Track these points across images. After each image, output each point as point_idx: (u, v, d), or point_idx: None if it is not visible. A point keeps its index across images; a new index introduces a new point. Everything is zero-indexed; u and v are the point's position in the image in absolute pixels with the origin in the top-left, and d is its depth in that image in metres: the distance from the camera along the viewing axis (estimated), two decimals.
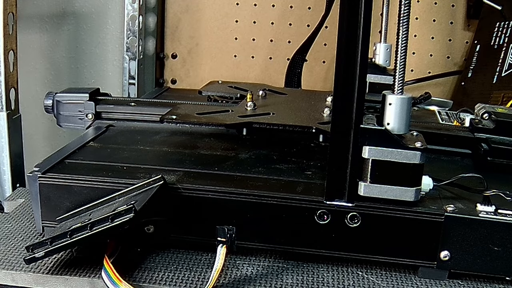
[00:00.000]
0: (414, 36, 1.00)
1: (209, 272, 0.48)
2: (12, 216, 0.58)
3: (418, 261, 0.49)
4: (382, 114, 0.47)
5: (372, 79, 0.75)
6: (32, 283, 0.48)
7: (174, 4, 1.04)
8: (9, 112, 0.74)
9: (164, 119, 0.62)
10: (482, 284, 0.49)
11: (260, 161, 0.57)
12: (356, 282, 0.49)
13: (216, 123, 0.62)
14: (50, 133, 1.07)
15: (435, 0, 1.00)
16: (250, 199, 0.49)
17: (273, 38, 1.04)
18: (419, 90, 0.96)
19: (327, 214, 0.49)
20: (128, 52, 0.97)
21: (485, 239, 0.47)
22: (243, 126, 0.61)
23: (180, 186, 0.50)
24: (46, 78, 1.06)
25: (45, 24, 1.03)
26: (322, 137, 0.61)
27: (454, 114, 0.77)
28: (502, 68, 0.91)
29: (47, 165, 0.53)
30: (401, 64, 0.46)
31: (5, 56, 0.74)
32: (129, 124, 0.68)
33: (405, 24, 0.45)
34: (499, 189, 0.50)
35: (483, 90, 0.93)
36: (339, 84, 0.46)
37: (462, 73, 0.99)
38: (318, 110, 0.66)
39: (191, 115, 0.63)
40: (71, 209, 0.51)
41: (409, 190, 0.47)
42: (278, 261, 0.52)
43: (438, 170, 0.55)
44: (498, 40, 0.94)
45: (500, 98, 0.89)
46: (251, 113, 0.64)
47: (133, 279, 0.48)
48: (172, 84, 1.08)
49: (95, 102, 0.68)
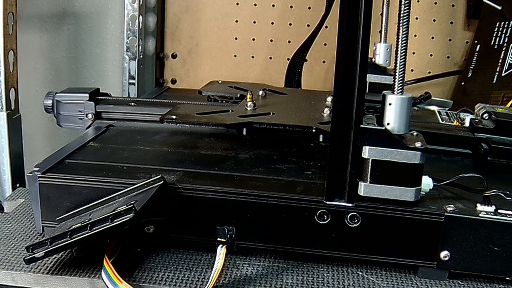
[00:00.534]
0: (414, 36, 1.00)
1: (209, 272, 0.48)
2: (12, 216, 0.58)
3: (418, 261, 0.49)
4: (382, 114, 0.47)
5: (372, 79, 0.75)
6: (32, 283, 0.48)
7: (174, 4, 1.04)
8: (9, 112, 0.74)
9: (164, 119, 0.62)
10: (482, 284, 0.49)
11: (260, 161, 0.57)
12: (356, 282, 0.49)
13: (216, 123, 0.61)
14: (50, 133, 1.07)
15: (435, 0, 1.00)
16: (250, 199, 0.49)
17: (273, 38, 1.04)
18: (419, 90, 0.96)
19: (327, 214, 0.49)
20: (128, 52, 0.97)
21: (485, 239, 0.47)
22: (243, 126, 0.61)
23: (180, 186, 0.50)
24: (46, 78, 1.06)
25: (45, 24, 1.03)
26: (322, 137, 0.61)
27: (454, 114, 0.77)
28: (502, 68, 0.91)
29: (47, 165, 0.53)
30: (401, 64, 0.46)
31: (5, 56, 0.74)
32: (129, 124, 0.68)
33: (405, 24, 0.45)
34: (499, 189, 0.50)
35: (483, 90, 0.93)
36: (339, 84, 0.46)
37: (462, 73, 0.99)
38: (318, 110, 0.66)
39: (191, 115, 0.63)
40: (71, 209, 0.51)
41: (409, 190, 0.47)
42: (278, 261, 0.52)
43: (438, 170, 0.55)
44: (498, 40, 0.94)
45: (500, 98, 0.89)
46: (251, 113, 0.64)
47: (133, 279, 0.48)
48: (172, 84, 1.08)
49: (95, 102, 0.68)
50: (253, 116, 0.63)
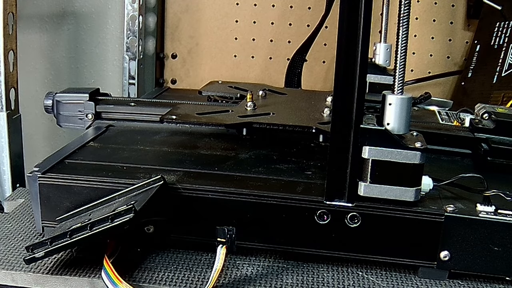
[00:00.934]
0: (414, 36, 1.00)
1: (209, 272, 0.48)
2: (12, 216, 0.58)
3: (418, 261, 0.49)
4: (382, 114, 0.47)
5: (372, 79, 0.75)
6: (32, 283, 0.48)
7: (174, 4, 1.04)
8: (9, 112, 0.74)
9: (164, 119, 0.61)
10: (482, 284, 0.49)
11: (260, 161, 0.57)
12: (356, 282, 0.49)
13: (216, 123, 0.61)
14: (50, 133, 1.07)
15: (435, 0, 1.00)
16: (250, 199, 0.49)
17: (273, 38, 1.04)
18: (419, 90, 0.96)
19: (327, 214, 0.49)
20: (128, 52, 0.97)
21: (485, 239, 0.47)
22: (243, 126, 0.61)
23: (180, 186, 0.50)
24: (46, 78, 1.06)
25: (45, 24, 1.03)
26: (322, 137, 0.61)
27: (454, 114, 0.77)
28: (502, 68, 0.91)
29: (47, 165, 0.53)
30: (401, 64, 0.46)
31: (5, 56, 0.74)
32: (129, 124, 0.68)
33: (405, 24, 0.45)
34: (499, 189, 0.50)
35: (483, 90, 0.93)
36: (339, 84, 0.46)
37: (462, 73, 0.99)
38: (318, 110, 0.66)
39: (191, 115, 0.63)
40: (71, 209, 0.51)
41: (409, 190, 0.47)
42: (278, 261, 0.52)
43: (438, 170, 0.55)
44: (498, 40, 0.94)
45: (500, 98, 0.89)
46: (251, 113, 0.64)
47: (133, 279, 0.48)
48: (172, 84, 1.08)
49: (95, 102, 0.68)
50: (253, 116, 0.63)
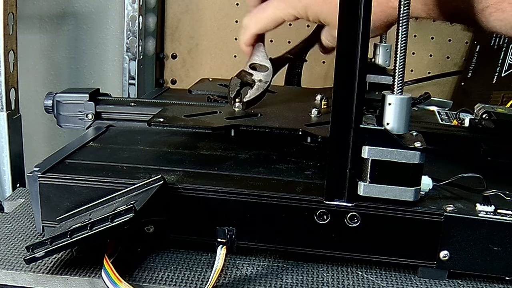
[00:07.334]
0: (414, 36, 1.00)
1: (209, 272, 0.48)
2: (12, 216, 0.58)
3: (417, 261, 0.49)
4: (381, 114, 0.47)
5: (372, 79, 0.75)
6: (32, 283, 0.48)
7: (174, 4, 1.04)
8: (9, 112, 0.75)
9: (151, 122, 0.59)
10: (482, 284, 0.49)
11: (260, 161, 0.57)
12: (356, 282, 0.49)
13: (203, 126, 0.60)
14: (50, 133, 1.07)
15: None
16: (250, 199, 0.49)
17: (273, 38, 1.04)
18: (419, 90, 0.96)
19: (327, 214, 0.49)
20: (128, 52, 0.97)
21: (485, 239, 0.47)
22: (231, 128, 0.61)
23: (180, 186, 0.50)
24: (46, 78, 1.06)
25: (45, 24, 1.03)
26: (309, 139, 0.61)
27: (454, 114, 0.77)
28: (502, 69, 0.91)
29: (47, 165, 0.53)
30: (401, 64, 0.46)
31: (5, 56, 0.74)
32: (129, 124, 0.68)
33: (405, 24, 0.45)
34: (499, 189, 0.50)
35: (483, 90, 0.93)
36: (339, 84, 0.46)
37: (462, 73, 0.99)
38: (306, 111, 0.65)
39: (179, 118, 0.61)
40: (71, 209, 0.51)
41: (409, 190, 0.47)
42: (278, 261, 0.52)
43: (438, 170, 0.55)
44: (498, 41, 0.94)
45: (500, 98, 0.89)
46: (239, 115, 0.63)
47: (133, 279, 0.48)
48: (172, 84, 1.08)
49: (95, 102, 0.68)
50: (241, 118, 0.62)
